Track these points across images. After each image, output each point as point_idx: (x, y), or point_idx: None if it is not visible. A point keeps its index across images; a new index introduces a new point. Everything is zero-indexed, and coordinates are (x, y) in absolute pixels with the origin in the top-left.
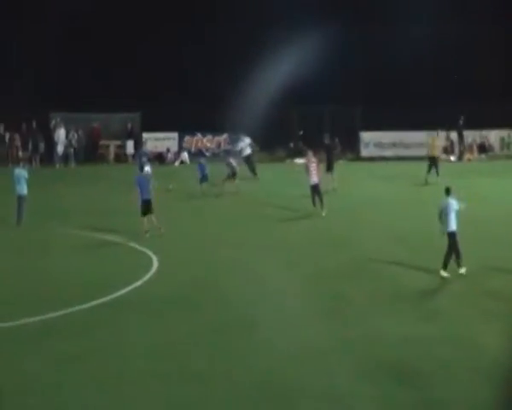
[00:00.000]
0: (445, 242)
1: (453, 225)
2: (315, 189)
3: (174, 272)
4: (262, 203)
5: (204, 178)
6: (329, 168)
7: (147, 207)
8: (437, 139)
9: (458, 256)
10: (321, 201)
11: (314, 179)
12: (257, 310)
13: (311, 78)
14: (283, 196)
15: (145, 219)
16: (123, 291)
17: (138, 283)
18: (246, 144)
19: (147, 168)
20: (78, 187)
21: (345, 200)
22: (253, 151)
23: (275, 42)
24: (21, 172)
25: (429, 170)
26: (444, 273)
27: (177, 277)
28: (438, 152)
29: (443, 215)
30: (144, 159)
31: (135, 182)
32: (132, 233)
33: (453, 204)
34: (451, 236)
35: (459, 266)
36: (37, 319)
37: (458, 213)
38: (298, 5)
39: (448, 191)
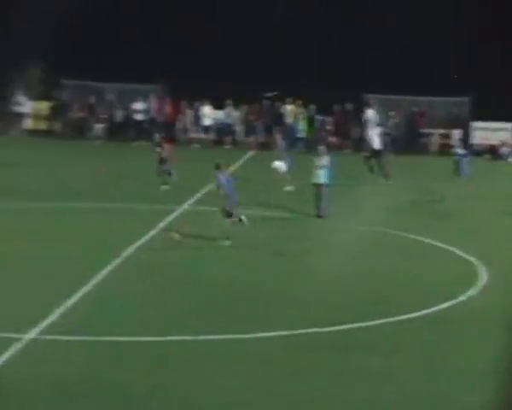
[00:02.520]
0: None
1: None
2: None
3: (508, 289)
4: None
5: None
6: None
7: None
8: None
9: None
10: None
11: None
12: None
13: None
14: None
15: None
16: (443, 305)
17: (462, 297)
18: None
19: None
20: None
21: None
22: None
23: None
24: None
25: None
26: None
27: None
28: None
29: None
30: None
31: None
32: (456, 237)
33: None
34: None
35: None
36: (334, 328)
37: None
38: None
39: None
